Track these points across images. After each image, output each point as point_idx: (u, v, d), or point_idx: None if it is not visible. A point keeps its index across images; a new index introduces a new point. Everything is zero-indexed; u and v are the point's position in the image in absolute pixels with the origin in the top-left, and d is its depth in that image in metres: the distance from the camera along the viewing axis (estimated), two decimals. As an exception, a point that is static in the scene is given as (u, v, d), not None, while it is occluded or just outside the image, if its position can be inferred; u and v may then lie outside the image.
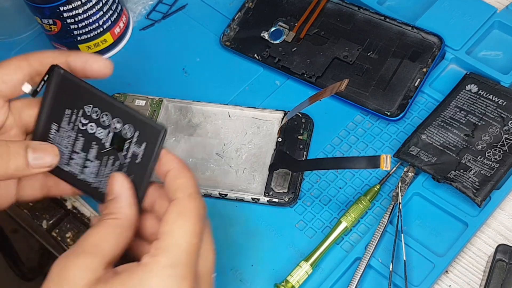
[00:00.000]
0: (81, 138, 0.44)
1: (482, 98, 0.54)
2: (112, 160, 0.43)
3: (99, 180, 0.44)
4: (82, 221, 0.55)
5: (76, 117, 0.44)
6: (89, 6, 0.57)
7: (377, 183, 0.52)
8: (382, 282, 0.48)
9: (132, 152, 0.42)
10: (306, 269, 0.48)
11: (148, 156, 0.41)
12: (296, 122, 0.55)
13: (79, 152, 0.44)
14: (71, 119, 0.44)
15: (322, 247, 0.49)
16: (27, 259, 1.19)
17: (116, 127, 0.43)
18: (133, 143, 0.42)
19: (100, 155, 0.44)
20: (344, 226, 0.50)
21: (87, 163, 0.44)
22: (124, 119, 0.42)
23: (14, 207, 0.58)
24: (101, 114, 0.43)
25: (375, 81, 0.57)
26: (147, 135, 0.42)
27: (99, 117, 0.43)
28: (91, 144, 0.44)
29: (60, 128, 0.45)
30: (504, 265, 0.47)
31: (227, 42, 0.61)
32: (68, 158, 0.44)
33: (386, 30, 0.59)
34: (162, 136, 0.41)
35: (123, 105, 0.43)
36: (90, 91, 0.43)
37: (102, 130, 0.43)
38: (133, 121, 0.42)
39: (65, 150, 0.44)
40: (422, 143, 0.52)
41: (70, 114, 0.44)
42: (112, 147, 0.43)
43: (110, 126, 0.43)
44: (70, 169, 0.44)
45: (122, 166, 0.42)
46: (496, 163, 0.50)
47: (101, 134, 0.43)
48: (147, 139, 0.42)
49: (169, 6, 0.65)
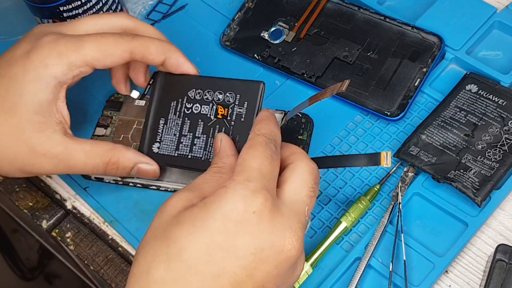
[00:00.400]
0: (187, 121, 0.50)
1: (482, 98, 0.54)
2: (217, 129, 0.49)
3: (208, 152, 0.50)
4: (82, 221, 0.55)
5: (181, 105, 0.51)
6: (89, 6, 0.57)
7: (377, 183, 0.52)
8: (382, 282, 0.48)
9: (236, 114, 0.49)
10: (306, 269, 0.48)
11: (251, 112, 0.48)
12: (296, 122, 0.55)
13: (187, 134, 0.50)
14: (176, 109, 0.51)
15: (322, 247, 0.49)
16: (27, 259, 1.19)
17: (219, 98, 0.49)
18: (236, 106, 0.49)
19: (206, 129, 0.50)
20: (344, 226, 0.50)
21: (195, 140, 0.50)
22: (225, 89, 0.49)
23: (14, 207, 0.58)
24: (204, 93, 0.50)
25: (375, 81, 0.57)
26: (247, 94, 0.48)
27: (202, 96, 0.50)
28: (198, 122, 0.50)
29: (167, 120, 0.51)
30: (504, 265, 0.47)
31: (227, 42, 0.61)
32: (177, 144, 0.51)
33: (386, 30, 0.59)
34: (261, 89, 0.48)
35: (222, 78, 0.50)
36: (190, 78, 0.51)
37: (206, 106, 0.50)
38: (232, 87, 0.49)
39: (174, 137, 0.51)
40: (422, 143, 0.52)
41: (175, 104, 0.51)
42: (216, 118, 0.49)
43: (213, 100, 0.50)
44: (179, 153, 0.50)
45: (228, 130, 0.49)
46: (496, 163, 0.50)
47: (205, 110, 0.50)
48: (247, 98, 0.48)
49: (169, 6, 0.65)
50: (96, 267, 0.53)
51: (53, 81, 0.46)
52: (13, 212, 1.04)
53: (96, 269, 0.53)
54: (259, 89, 0.48)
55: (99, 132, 0.56)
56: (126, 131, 0.56)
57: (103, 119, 0.57)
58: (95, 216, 0.54)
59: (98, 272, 0.53)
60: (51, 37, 0.47)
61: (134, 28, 0.51)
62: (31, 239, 1.14)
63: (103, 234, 0.54)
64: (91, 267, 0.53)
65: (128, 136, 0.56)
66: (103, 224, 0.54)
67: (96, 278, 0.80)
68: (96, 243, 0.54)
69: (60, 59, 0.46)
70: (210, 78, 0.51)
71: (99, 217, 0.54)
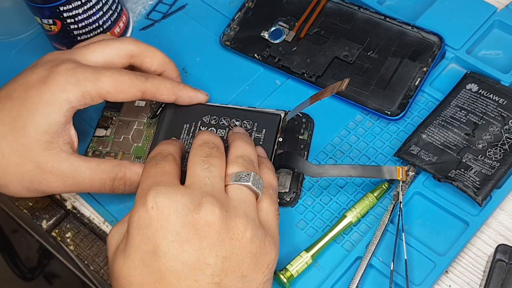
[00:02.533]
0: None
1: (483, 97, 0.54)
2: None
3: None
4: (82, 221, 0.55)
5: (195, 128, 0.54)
6: (89, 6, 0.57)
7: (386, 181, 0.52)
8: (383, 281, 0.48)
9: (254, 138, 0.53)
10: (307, 259, 0.48)
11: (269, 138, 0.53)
12: (297, 122, 0.55)
13: None
14: (190, 130, 0.54)
15: (325, 239, 0.49)
16: (27, 259, 1.19)
17: (236, 125, 0.54)
18: (254, 132, 0.53)
19: None
20: (349, 220, 0.50)
21: None
22: (242, 117, 0.54)
23: (14, 207, 0.58)
24: (219, 119, 0.54)
25: (376, 81, 0.57)
26: (265, 123, 0.54)
27: (217, 122, 0.54)
28: None
29: (179, 139, 0.54)
30: (504, 265, 0.47)
31: (227, 42, 0.61)
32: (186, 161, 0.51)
33: (386, 30, 0.59)
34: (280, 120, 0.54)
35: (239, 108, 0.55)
36: (205, 106, 0.55)
37: (222, 130, 0.54)
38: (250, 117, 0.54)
39: (186, 154, 0.52)
40: (423, 143, 0.52)
41: (189, 127, 0.54)
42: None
43: (229, 125, 0.54)
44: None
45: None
46: (496, 162, 0.50)
47: (221, 133, 0.54)
48: (265, 126, 0.54)
49: (169, 6, 0.65)
50: (96, 267, 0.53)
51: (67, 105, 0.48)
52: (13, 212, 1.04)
53: (96, 269, 0.53)
54: (277, 120, 0.54)
55: (99, 133, 0.56)
56: (127, 132, 0.56)
57: (103, 120, 0.57)
58: (95, 216, 0.54)
59: (98, 272, 0.53)
60: (70, 65, 0.49)
61: (140, 53, 0.53)
62: (31, 239, 1.14)
63: (103, 234, 0.54)
64: (91, 267, 0.53)
65: (129, 137, 0.55)
66: (103, 224, 0.54)
67: (96, 278, 0.79)
68: (96, 243, 0.54)
69: (77, 86, 0.48)
70: (227, 108, 0.55)
71: (99, 217, 0.54)
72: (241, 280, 0.41)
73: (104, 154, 0.55)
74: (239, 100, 0.58)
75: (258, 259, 0.42)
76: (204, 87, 0.59)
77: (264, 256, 0.43)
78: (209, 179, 0.43)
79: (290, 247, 0.50)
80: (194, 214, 0.41)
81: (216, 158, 0.45)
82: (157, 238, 0.40)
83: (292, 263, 0.48)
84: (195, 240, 0.40)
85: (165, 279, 0.40)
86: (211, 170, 0.44)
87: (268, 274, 0.43)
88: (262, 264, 0.42)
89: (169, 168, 0.45)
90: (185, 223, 0.40)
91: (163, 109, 0.55)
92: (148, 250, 0.40)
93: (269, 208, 0.46)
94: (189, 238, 0.40)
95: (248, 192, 0.45)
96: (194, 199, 0.41)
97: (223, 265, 0.41)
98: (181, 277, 0.40)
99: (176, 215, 0.41)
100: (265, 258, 0.43)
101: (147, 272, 0.40)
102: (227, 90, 0.59)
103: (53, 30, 0.58)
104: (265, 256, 0.43)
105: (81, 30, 0.58)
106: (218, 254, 0.41)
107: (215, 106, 0.55)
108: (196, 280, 0.40)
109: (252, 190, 0.45)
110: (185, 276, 0.40)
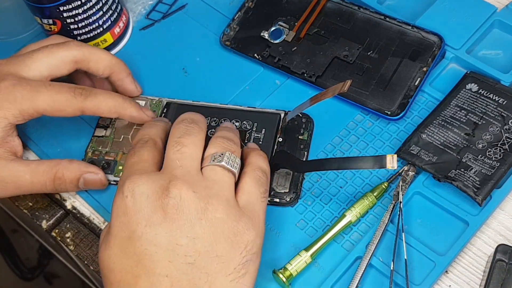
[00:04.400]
0: None
1: (483, 97, 0.54)
2: None
3: None
4: (82, 221, 0.55)
5: None
6: (89, 6, 0.57)
7: (385, 181, 0.52)
8: (383, 281, 0.48)
9: (253, 138, 0.54)
10: (306, 258, 0.48)
11: (269, 137, 0.54)
12: (297, 122, 0.55)
13: None
14: None
15: (324, 238, 0.49)
16: (27, 259, 1.19)
17: (236, 126, 0.54)
18: (254, 132, 0.54)
19: None
20: (348, 220, 0.50)
21: None
22: (242, 118, 0.55)
23: (14, 207, 0.58)
24: (220, 120, 0.55)
25: (376, 81, 0.57)
26: (265, 123, 0.54)
27: (218, 123, 0.55)
28: None
29: None
30: (504, 265, 0.47)
31: (227, 42, 0.61)
32: None
33: (386, 30, 0.59)
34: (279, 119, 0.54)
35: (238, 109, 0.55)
36: (205, 108, 0.56)
37: None
38: (250, 117, 0.55)
39: None
40: (423, 142, 0.52)
41: None
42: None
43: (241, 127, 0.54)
44: None
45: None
46: (496, 162, 0.50)
47: None
48: (265, 126, 0.54)
49: (169, 6, 0.65)
50: (96, 267, 0.53)
51: (5, 121, 0.50)
52: (13, 212, 1.04)
53: (96, 269, 0.53)
54: (276, 120, 0.54)
55: (98, 133, 0.56)
56: (126, 132, 0.56)
57: (103, 120, 0.57)
58: (95, 216, 0.54)
59: (98, 272, 0.53)
60: (10, 82, 0.50)
61: (85, 58, 0.53)
62: (31, 239, 1.14)
63: (103, 234, 0.54)
64: (91, 267, 0.53)
65: (128, 136, 0.55)
66: (103, 224, 0.54)
67: (96, 278, 0.80)
68: (96, 243, 0.54)
69: (14, 105, 0.50)
70: (227, 109, 0.56)
71: (99, 217, 0.54)
72: (216, 260, 0.42)
73: (103, 154, 0.55)
74: (239, 100, 0.58)
75: (233, 240, 0.42)
76: (204, 87, 0.59)
77: (239, 237, 0.43)
78: (179, 161, 0.44)
79: (290, 247, 0.50)
80: (162, 199, 0.42)
81: (190, 136, 0.46)
82: (132, 224, 0.42)
83: (291, 262, 0.48)
84: (166, 223, 0.42)
85: (141, 262, 0.41)
86: (182, 151, 0.45)
87: (247, 255, 0.43)
88: (238, 244, 0.42)
89: (147, 155, 0.46)
90: (155, 208, 0.42)
91: (164, 115, 0.56)
92: (125, 237, 0.42)
93: (250, 189, 0.45)
94: (160, 222, 0.42)
95: (223, 172, 0.45)
96: (163, 184, 0.43)
97: (195, 246, 0.41)
98: (156, 259, 0.41)
99: (147, 201, 0.42)
100: (241, 238, 0.43)
101: (125, 258, 0.42)
102: (227, 90, 0.59)
103: (53, 30, 0.58)
104: (241, 236, 0.43)
105: (81, 30, 0.58)
106: (188, 235, 0.41)
107: (215, 107, 0.55)
108: (170, 261, 0.41)
109: (227, 169, 0.45)
110: (158, 257, 0.41)
